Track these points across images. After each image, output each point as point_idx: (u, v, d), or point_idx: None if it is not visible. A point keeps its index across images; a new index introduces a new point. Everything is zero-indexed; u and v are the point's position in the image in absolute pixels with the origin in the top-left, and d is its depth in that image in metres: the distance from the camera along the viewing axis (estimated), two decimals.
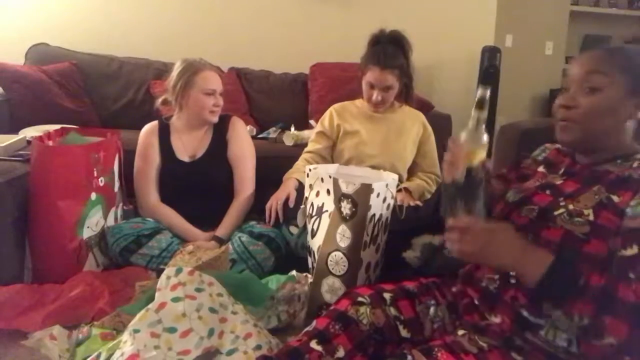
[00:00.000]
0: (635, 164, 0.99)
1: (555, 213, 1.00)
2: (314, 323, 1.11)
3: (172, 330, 1.24)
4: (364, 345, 1.07)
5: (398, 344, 1.09)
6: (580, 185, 1.04)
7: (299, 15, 3.18)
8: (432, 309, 1.15)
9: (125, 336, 1.24)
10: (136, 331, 1.22)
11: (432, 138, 2.15)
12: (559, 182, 1.09)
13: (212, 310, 1.31)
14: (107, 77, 2.81)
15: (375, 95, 1.98)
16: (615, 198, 0.96)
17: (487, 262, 1.01)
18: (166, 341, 1.22)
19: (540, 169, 1.19)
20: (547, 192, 1.08)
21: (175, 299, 1.29)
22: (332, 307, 1.14)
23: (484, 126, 1.07)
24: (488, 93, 1.04)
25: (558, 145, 1.20)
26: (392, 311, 1.12)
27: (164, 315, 1.26)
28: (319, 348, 1.03)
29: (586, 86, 1.00)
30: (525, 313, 0.98)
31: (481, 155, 1.05)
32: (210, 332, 1.27)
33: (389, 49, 1.98)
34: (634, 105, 1.00)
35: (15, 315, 1.51)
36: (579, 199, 0.99)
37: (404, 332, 1.10)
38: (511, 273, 1.02)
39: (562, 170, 1.12)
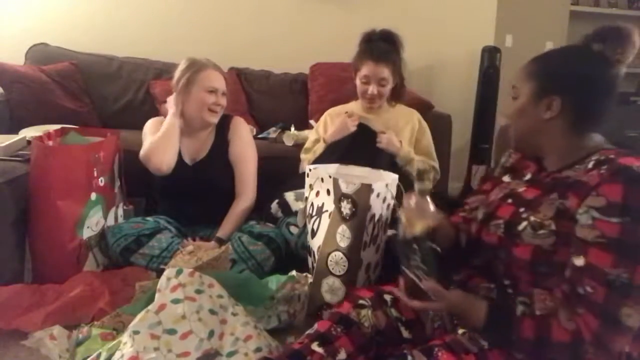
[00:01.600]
0: (589, 165, 0.98)
1: (519, 228, 1.01)
2: (315, 326, 1.11)
3: (172, 331, 1.24)
4: (366, 347, 1.07)
5: (399, 345, 1.09)
6: (540, 192, 1.04)
7: (299, 15, 3.18)
8: None
9: (125, 337, 1.24)
10: (136, 332, 1.22)
11: (428, 133, 2.15)
12: (521, 189, 1.09)
13: (212, 311, 1.31)
14: (107, 77, 2.81)
15: (371, 89, 1.98)
16: (567, 203, 0.96)
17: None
18: (166, 343, 1.22)
19: (505, 178, 1.19)
20: (509, 201, 1.08)
21: (175, 301, 1.28)
22: (333, 310, 1.15)
23: (428, 198, 1.17)
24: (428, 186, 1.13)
25: None
26: (393, 312, 1.13)
27: (164, 317, 1.25)
28: (320, 350, 1.04)
29: (512, 97, 1.10)
30: None
31: (423, 226, 1.10)
32: (211, 334, 1.27)
33: (381, 44, 2.00)
34: (545, 105, 1.04)
35: (15, 315, 1.51)
36: (539, 209, 1.00)
37: (405, 333, 1.11)
38: (506, 282, 1.04)
39: (527, 177, 1.12)
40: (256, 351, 1.26)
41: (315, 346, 1.05)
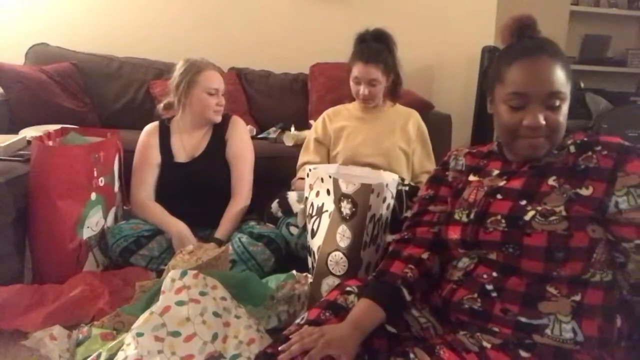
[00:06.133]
0: (571, 149, 1.02)
1: (526, 218, 0.98)
2: (305, 315, 1.10)
3: (176, 334, 1.23)
4: None
5: (386, 339, 1.06)
6: (526, 179, 1.04)
7: (299, 15, 3.18)
8: (414, 311, 1.13)
9: (129, 339, 1.23)
10: (139, 335, 1.21)
11: (427, 135, 2.15)
12: (502, 183, 1.07)
13: (216, 314, 1.30)
14: (107, 77, 2.81)
15: (362, 90, 2.00)
16: (584, 191, 0.97)
17: None
18: (170, 345, 1.21)
19: (471, 177, 1.16)
20: (499, 196, 1.05)
21: (180, 303, 1.28)
22: (322, 299, 1.14)
23: None
24: None
25: (466, 150, 1.23)
26: None
27: (168, 319, 1.25)
28: None
29: (548, 105, 1.02)
30: (523, 319, 0.97)
31: None
32: (214, 337, 1.27)
33: (372, 45, 2.01)
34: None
35: (15, 315, 1.51)
36: (545, 200, 0.99)
37: (389, 327, 1.07)
38: (487, 287, 1.01)
39: (496, 172, 1.11)
40: None
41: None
